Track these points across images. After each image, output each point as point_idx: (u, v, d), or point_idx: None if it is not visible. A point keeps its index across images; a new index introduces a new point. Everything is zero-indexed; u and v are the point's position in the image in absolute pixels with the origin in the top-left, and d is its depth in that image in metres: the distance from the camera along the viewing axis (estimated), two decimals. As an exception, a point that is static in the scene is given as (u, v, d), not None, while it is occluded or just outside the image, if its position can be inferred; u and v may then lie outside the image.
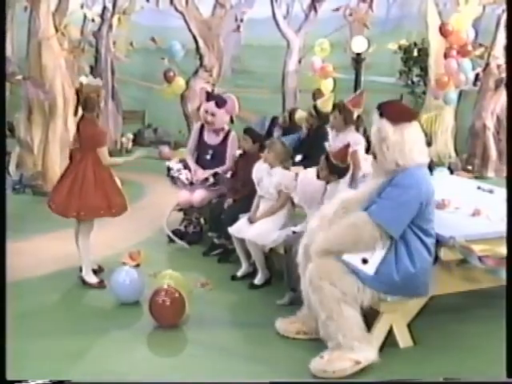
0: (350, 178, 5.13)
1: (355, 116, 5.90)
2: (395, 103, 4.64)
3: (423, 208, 4.09)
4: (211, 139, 6.75)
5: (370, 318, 4.25)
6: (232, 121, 6.79)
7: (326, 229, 4.21)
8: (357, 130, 5.86)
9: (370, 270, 4.06)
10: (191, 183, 6.63)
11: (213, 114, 6.61)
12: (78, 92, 5.48)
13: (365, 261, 4.06)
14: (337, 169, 4.97)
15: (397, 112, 4.18)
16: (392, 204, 4.03)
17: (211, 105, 6.64)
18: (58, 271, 5.72)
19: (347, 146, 5.02)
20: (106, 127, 10.11)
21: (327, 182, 4.99)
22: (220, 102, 6.64)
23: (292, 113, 7.65)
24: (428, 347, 4.41)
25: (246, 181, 5.88)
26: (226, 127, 6.77)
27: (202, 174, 6.61)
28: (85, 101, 5.36)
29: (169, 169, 6.80)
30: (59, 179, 5.60)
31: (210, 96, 6.84)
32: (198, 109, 6.88)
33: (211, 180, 6.55)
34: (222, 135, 6.72)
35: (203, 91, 7.05)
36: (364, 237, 4.04)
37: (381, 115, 4.13)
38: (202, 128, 6.82)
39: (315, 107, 6.73)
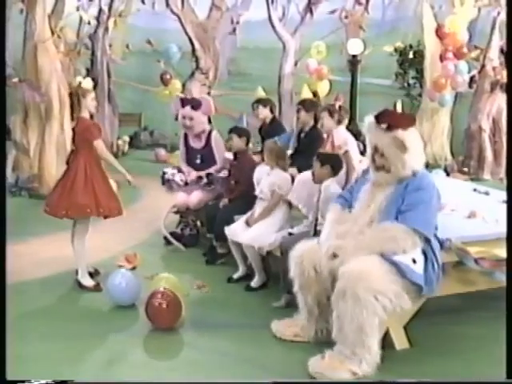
0: (345, 180, 5.15)
1: (337, 107, 6.06)
2: (393, 112, 4.64)
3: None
4: (196, 144, 6.83)
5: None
6: (210, 121, 6.84)
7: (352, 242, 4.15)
8: (339, 122, 5.86)
9: (419, 269, 4.07)
10: (186, 183, 6.68)
11: (191, 118, 6.68)
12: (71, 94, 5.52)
13: (414, 261, 4.06)
14: (327, 157, 5.05)
15: (403, 119, 4.19)
16: (425, 208, 4.07)
17: (187, 109, 6.71)
18: (56, 274, 5.71)
19: (328, 135, 5.26)
20: (103, 130, 10.09)
21: (320, 182, 5.00)
22: (195, 105, 6.71)
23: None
24: (424, 349, 4.41)
25: (238, 179, 5.92)
26: (207, 128, 6.81)
27: (195, 174, 6.68)
28: (78, 102, 5.39)
29: (164, 173, 6.85)
30: (55, 184, 5.61)
31: (184, 101, 6.86)
32: (177, 118, 6.89)
33: (205, 180, 6.59)
34: (204, 138, 6.79)
35: (177, 99, 7.03)
36: (406, 246, 4.01)
37: (389, 128, 4.07)
38: (186, 135, 6.89)
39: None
